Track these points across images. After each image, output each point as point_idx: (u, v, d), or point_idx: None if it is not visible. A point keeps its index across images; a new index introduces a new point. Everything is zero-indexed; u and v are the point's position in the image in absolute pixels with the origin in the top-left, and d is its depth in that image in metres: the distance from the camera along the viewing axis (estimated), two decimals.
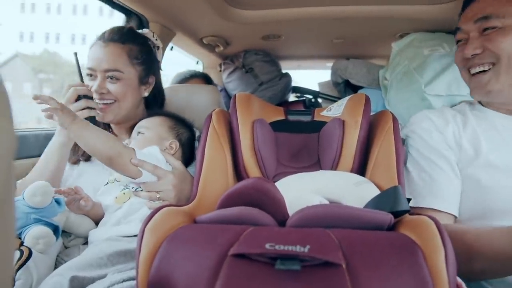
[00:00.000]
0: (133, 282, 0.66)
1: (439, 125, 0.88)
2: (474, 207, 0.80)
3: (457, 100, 1.18)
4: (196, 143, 0.87)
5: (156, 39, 1.12)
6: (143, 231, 0.50)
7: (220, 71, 2.13)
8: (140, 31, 1.07)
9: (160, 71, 1.16)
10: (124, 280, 0.66)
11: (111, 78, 0.98)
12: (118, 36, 1.00)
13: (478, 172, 0.80)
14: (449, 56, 1.26)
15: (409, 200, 0.82)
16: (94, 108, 0.97)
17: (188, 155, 1.00)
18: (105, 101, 1.00)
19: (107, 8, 1.28)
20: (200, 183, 0.75)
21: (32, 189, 0.75)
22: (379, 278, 0.40)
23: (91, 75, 0.99)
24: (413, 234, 0.47)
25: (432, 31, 1.45)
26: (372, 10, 1.36)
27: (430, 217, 0.49)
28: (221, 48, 1.86)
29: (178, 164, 0.91)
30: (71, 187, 0.87)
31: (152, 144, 0.92)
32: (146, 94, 1.09)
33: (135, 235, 0.81)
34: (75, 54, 0.99)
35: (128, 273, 0.68)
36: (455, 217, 0.81)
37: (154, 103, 1.14)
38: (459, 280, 0.58)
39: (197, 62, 2.28)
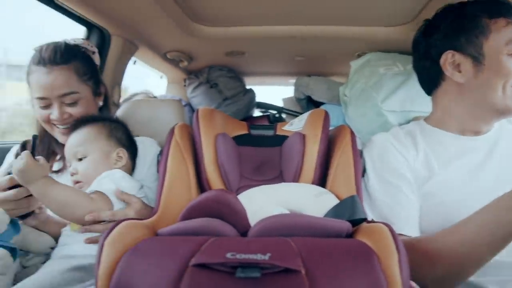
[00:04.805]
0: None
1: (399, 147, 0.85)
2: (434, 222, 0.79)
3: (410, 116, 1.25)
4: (159, 157, 0.86)
5: (91, 46, 1.06)
6: (102, 245, 0.48)
7: (185, 86, 2.13)
8: (72, 41, 1.00)
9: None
10: None
11: (69, 102, 0.93)
12: (60, 58, 0.92)
13: (433, 190, 0.80)
14: (403, 74, 1.34)
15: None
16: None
17: (132, 151, 0.94)
18: (67, 125, 0.94)
19: None
20: (162, 197, 0.75)
21: None
22: (336, 282, 0.41)
23: (43, 104, 0.92)
24: (369, 241, 0.49)
25: (387, 52, 1.54)
26: (331, 30, 1.42)
27: (385, 224, 0.52)
28: (185, 63, 1.86)
29: (135, 200, 0.83)
30: None
31: (100, 166, 0.85)
32: (101, 103, 1.06)
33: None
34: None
35: None
36: None
37: (105, 108, 1.09)
38: (413, 284, 0.61)
39: (161, 77, 2.27)
